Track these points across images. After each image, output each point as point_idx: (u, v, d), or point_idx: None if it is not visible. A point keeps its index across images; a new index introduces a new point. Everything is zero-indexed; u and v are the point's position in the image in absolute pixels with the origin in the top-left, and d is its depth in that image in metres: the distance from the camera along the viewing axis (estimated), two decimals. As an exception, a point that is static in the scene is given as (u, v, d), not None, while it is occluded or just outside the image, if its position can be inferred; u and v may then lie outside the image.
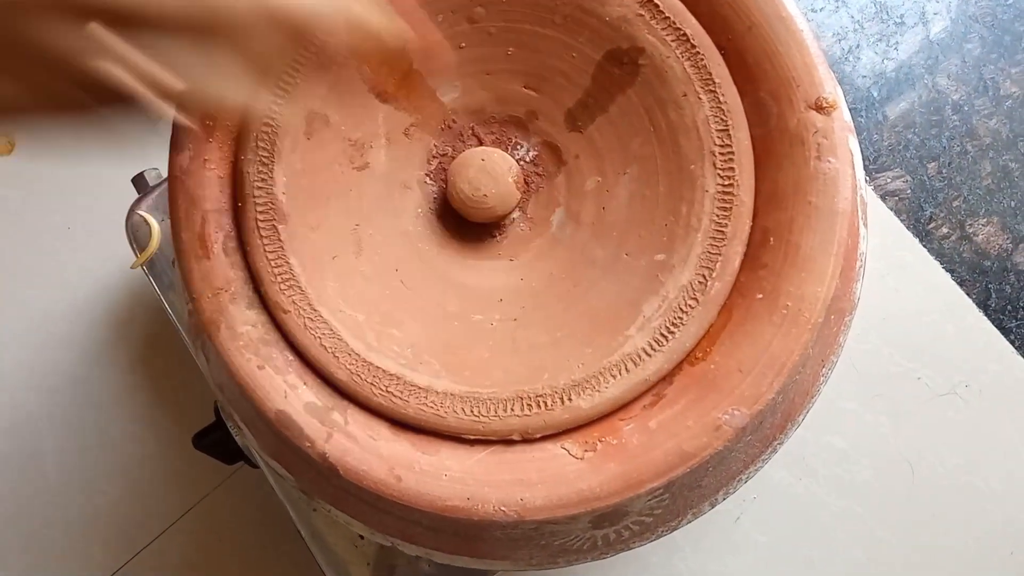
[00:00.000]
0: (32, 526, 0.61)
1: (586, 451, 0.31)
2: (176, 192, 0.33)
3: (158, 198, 0.53)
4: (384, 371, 0.32)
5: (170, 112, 0.26)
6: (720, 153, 0.33)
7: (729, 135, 0.33)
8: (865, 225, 0.41)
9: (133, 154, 0.63)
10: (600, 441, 0.32)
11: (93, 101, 0.25)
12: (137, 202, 0.53)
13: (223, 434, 0.51)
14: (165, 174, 0.55)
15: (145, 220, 0.51)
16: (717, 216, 0.33)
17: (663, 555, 0.60)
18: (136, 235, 0.52)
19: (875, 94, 0.66)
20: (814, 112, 0.33)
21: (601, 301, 0.34)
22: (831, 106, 0.33)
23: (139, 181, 0.54)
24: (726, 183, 0.33)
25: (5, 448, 0.61)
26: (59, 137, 0.26)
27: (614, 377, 0.32)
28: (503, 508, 0.31)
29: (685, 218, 0.33)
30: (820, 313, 0.32)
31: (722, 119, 0.33)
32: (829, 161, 0.33)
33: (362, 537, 0.52)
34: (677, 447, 0.31)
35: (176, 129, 0.33)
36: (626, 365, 0.32)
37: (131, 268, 0.43)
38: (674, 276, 0.33)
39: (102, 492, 0.61)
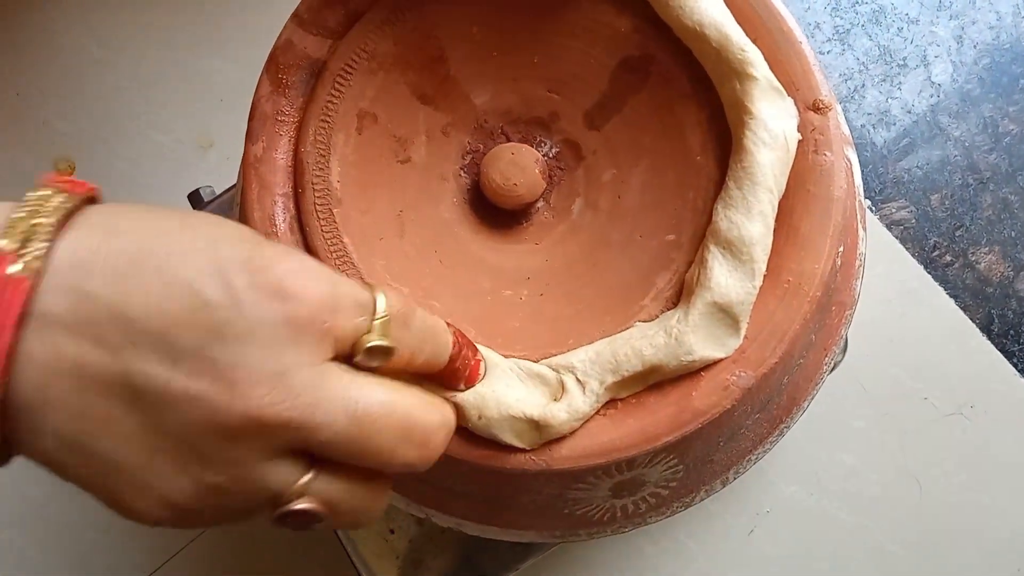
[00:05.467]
0: (74, 528, 0.63)
1: (607, 409, 0.35)
2: (250, 178, 0.37)
3: (211, 212, 0.58)
4: (425, 336, 0.36)
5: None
6: (723, 146, 0.37)
7: (730, 130, 0.37)
8: (864, 229, 0.44)
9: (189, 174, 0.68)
10: (619, 400, 0.35)
11: (273, 523, 0.26)
12: (192, 215, 0.57)
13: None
14: (218, 191, 0.60)
15: None
16: (721, 200, 0.37)
17: (679, 565, 0.62)
18: None
19: (880, 131, 0.70)
20: (811, 112, 0.37)
21: (617, 278, 0.38)
22: (827, 107, 0.37)
23: (194, 197, 0.59)
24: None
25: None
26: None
27: (631, 342, 0.35)
28: (533, 458, 0.34)
29: (692, 202, 0.37)
30: (818, 287, 0.35)
31: (724, 116, 0.37)
32: (825, 155, 0.36)
33: (392, 532, 0.55)
34: (690, 405, 0.34)
35: (251, 122, 0.38)
36: (642, 331, 0.36)
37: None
38: (683, 252, 0.36)
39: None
